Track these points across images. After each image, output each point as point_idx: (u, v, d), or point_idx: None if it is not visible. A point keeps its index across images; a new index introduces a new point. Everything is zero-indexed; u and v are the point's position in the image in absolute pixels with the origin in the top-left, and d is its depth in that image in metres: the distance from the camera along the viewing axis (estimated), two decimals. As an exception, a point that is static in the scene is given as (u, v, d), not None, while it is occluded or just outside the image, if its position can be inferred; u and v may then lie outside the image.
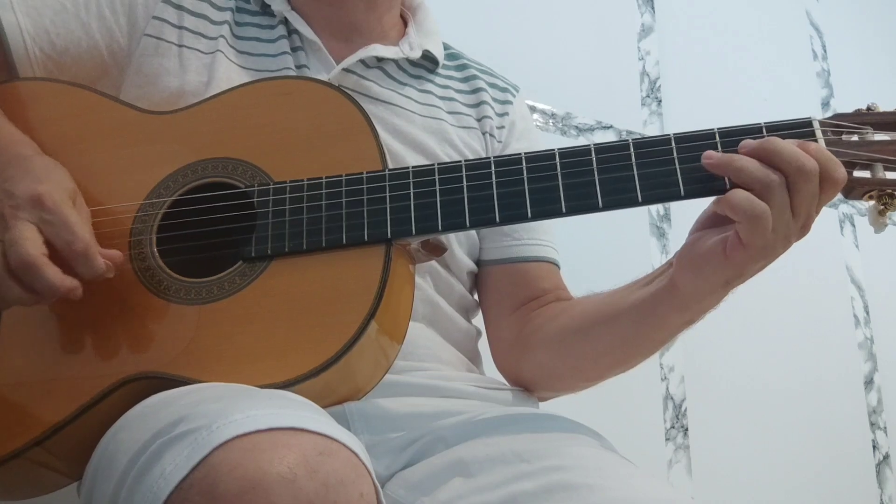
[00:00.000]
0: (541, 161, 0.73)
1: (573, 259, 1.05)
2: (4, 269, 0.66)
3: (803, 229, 0.68)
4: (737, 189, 0.67)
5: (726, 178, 0.68)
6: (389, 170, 0.75)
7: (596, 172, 0.71)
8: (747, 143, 0.68)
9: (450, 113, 0.98)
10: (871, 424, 2.02)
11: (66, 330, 0.73)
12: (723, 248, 0.68)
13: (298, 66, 0.91)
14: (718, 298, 0.74)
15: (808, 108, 2.20)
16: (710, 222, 0.72)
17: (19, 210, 0.68)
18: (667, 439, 1.73)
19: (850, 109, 0.74)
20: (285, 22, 0.94)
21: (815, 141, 0.69)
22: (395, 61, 0.96)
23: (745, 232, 0.66)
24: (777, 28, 2.30)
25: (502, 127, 1.01)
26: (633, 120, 1.93)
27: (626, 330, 0.82)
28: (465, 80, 1.03)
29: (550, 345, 0.89)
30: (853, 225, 2.19)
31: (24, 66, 0.86)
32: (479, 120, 1.00)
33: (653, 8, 2.07)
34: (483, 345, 0.98)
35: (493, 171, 0.73)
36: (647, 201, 0.71)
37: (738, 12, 2.24)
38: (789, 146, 0.66)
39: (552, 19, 1.91)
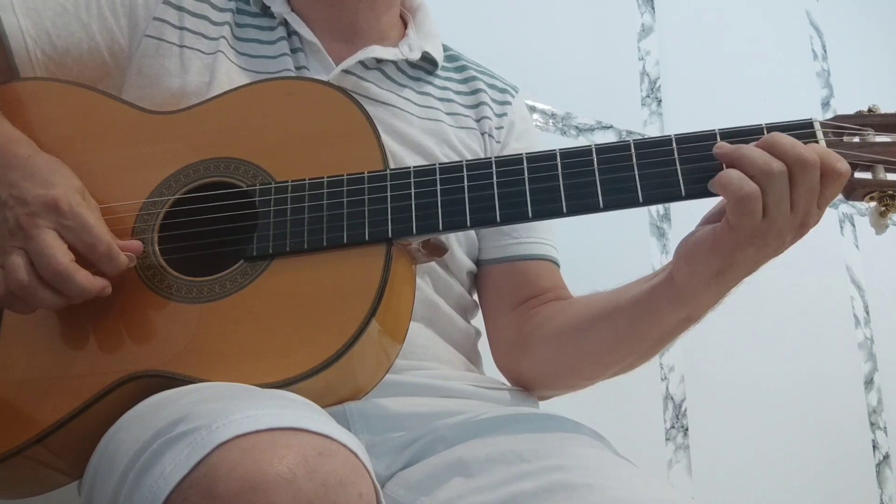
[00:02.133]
0: (542, 161, 0.73)
1: (573, 259, 1.05)
2: (35, 277, 0.67)
3: (801, 227, 0.68)
4: (731, 169, 0.67)
5: None
6: (391, 170, 0.75)
7: (597, 173, 0.71)
8: (752, 144, 0.68)
9: (448, 114, 0.98)
10: (871, 424, 2.02)
11: (67, 328, 0.74)
12: (713, 235, 0.69)
13: (298, 68, 0.91)
14: (715, 294, 0.74)
15: (808, 108, 2.21)
16: (715, 219, 0.72)
17: (37, 217, 0.68)
18: (667, 439, 1.73)
19: (850, 109, 0.74)
20: (285, 23, 0.94)
21: (816, 142, 0.70)
22: (394, 63, 0.96)
23: (733, 212, 0.67)
24: (777, 28, 2.30)
25: (501, 127, 1.01)
26: (633, 120, 1.93)
27: (623, 325, 0.82)
28: (465, 81, 1.03)
29: (550, 341, 0.89)
30: (853, 225, 2.19)
31: (26, 68, 0.86)
32: (477, 121, 1.00)
33: (653, 8, 2.07)
34: (483, 345, 0.98)
35: (494, 171, 0.73)
36: (648, 201, 0.71)
37: (738, 12, 2.24)
38: (789, 139, 0.67)
39: (552, 19, 1.91)
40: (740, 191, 0.66)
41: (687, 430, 1.75)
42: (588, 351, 0.87)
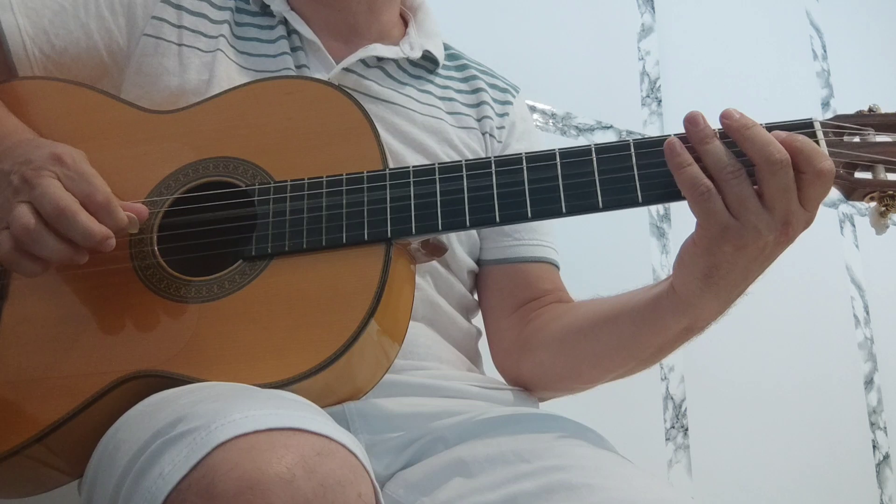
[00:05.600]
0: (541, 161, 0.73)
1: (574, 259, 1.05)
2: (41, 222, 0.67)
3: (785, 226, 0.66)
4: (690, 166, 0.66)
5: None
6: (390, 169, 0.75)
7: (596, 173, 0.71)
8: (732, 122, 0.66)
9: (449, 113, 0.98)
10: (871, 424, 2.02)
11: (66, 328, 0.74)
12: (693, 235, 0.69)
13: (298, 67, 0.91)
14: (713, 302, 0.72)
15: (808, 108, 2.20)
16: None
17: (41, 169, 0.69)
18: (667, 439, 1.73)
19: (850, 109, 0.73)
20: (285, 22, 0.94)
21: (817, 143, 0.68)
22: (395, 61, 0.96)
23: (694, 210, 0.67)
24: (777, 28, 2.30)
25: (502, 127, 1.01)
26: (633, 120, 1.93)
27: (626, 331, 0.81)
28: (466, 80, 1.03)
29: (552, 343, 0.89)
30: (853, 225, 2.19)
31: (24, 67, 0.86)
32: (478, 120, 1.00)
33: (653, 8, 2.07)
34: (483, 345, 0.98)
35: (494, 171, 0.73)
36: (648, 202, 0.70)
37: (739, 12, 2.24)
38: (763, 136, 0.65)
39: (552, 19, 1.90)
40: (694, 190, 0.66)
41: (687, 430, 1.75)
42: (590, 353, 0.86)
